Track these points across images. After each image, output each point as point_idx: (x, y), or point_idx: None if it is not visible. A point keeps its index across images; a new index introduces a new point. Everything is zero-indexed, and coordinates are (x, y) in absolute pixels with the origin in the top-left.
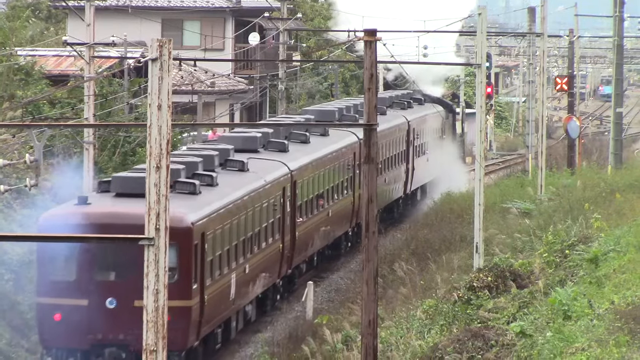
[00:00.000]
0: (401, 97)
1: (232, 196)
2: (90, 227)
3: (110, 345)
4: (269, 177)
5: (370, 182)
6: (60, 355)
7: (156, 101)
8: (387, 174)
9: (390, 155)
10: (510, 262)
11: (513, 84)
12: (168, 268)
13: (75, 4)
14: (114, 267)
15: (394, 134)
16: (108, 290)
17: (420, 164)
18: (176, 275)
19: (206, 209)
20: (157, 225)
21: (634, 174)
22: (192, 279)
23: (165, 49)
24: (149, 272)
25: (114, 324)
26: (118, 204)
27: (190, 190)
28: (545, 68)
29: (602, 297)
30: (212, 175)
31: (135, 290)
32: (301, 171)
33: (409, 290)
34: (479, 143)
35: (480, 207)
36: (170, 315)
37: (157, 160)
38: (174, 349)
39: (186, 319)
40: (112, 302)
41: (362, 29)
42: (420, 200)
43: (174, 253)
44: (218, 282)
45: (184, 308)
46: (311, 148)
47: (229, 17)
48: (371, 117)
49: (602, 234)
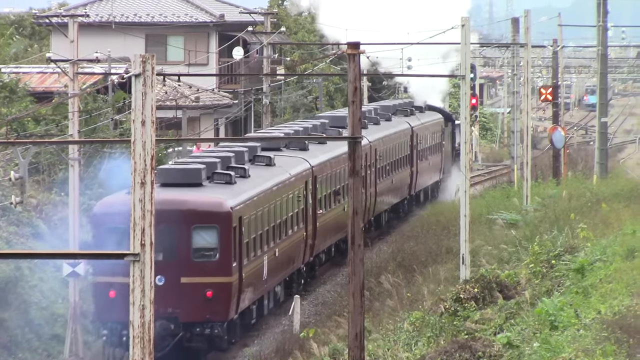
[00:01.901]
0: (404, 105)
1: (262, 186)
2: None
3: (160, 318)
4: (293, 171)
5: (355, 194)
6: (115, 328)
7: (140, 117)
8: (394, 175)
9: (396, 158)
10: (497, 273)
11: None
12: (210, 248)
13: (58, 21)
14: (162, 249)
15: (399, 138)
16: (157, 268)
17: (423, 167)
18: (217, 254)
19: (242, 196)
20: (143, 241)
21: (619, 183)
22: (232, 257)
23: (148, 65)
24: (134, 288)
25: (163, 299)
26: (165, 192)
27: (226, 180)
28: (529, 78)
29: (589, 307)
30: (244, 168)
31: (181, 269)
32: (321, 167)
33: (395, 303)
34: (464, 154)
35: (466, 218)
36: (212, 290)
37: (142, 176)
38: (217, 320)
39: (227, 293)
40: (160, 279)
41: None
42: (423, 201)
43: (215, 234)
44: (253, 262)
45: (226, 284)
46: (328, 147)
47: (213, 32)
48: (355, 130)
49: (589, 244)
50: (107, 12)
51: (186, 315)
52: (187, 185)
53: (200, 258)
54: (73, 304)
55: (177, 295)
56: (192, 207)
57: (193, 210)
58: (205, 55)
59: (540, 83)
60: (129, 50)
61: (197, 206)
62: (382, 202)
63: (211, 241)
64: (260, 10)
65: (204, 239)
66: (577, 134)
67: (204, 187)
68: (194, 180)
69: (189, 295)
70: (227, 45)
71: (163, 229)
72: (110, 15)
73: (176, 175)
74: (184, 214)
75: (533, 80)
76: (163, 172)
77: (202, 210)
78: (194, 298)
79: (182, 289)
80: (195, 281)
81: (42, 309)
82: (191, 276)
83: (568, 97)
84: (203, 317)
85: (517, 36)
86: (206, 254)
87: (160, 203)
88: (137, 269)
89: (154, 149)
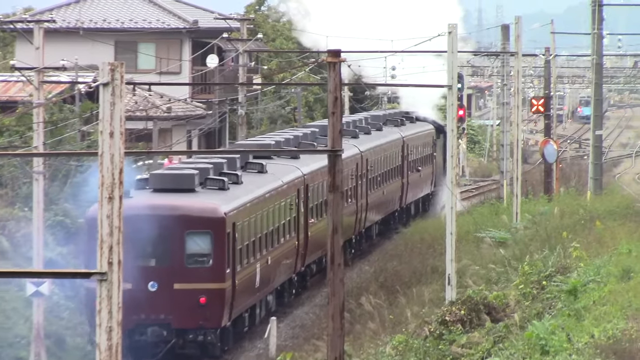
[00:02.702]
0: (395, 115)
1: (255, 193)
2: (134, 217)
3: (153, 324)
4: (285, 178)
5: (335, 211)
6: None
7: (108, 128)
8: (385, 187)
9: (387, 169)
10: (485, 294)
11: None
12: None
13: (23, 27)
14: (154, 254)
15: (390, 149)
16: (150, 274)
17: (414, 179)
18: (211, 260)
19: (235, 202)
20: (110, 259)
21: (614, 200)
22: (225, 263)
23: (117, 73)
24: (101, 309)
25: (155, 305)
26: (156, 198)
27: (219, 186)
28: (520, 89)
29: (582, 331)
30: (237, 174)
31: (174, 275)
32: (313, 176)
33: (377, 325)
34: (451, 169)
35: (452, 236)
36: (206, 297)
37: (110, 190)
38: (210, 326)
39: (221, 299)
40: (153, 285)
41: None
42: (414, 214)
43: (209, 240)
44: (246, 269)
45: (219, 290)
46: (319, 157)
47: (186, 39)
48: (336, 143)
49: (582, 264)
50: (74, 17)
51: (179, 322)
52: (179, 190)
53: (193, 264)
54: (37, 325)
55: (169, 301)
56: (185, 212)
57: (187, 215)
58: (178, 63)
59: (531, 94)
60: (97, 57)
61: (190, 211)
62: (373, 214)
63: (205, 247)
64: (236, 16)
65: (198, 245)
66: (570, 147)
67: (197, 193)
68: (187, 186)
69: (182, 302)
70: (201, 52)
71: (156, 234)
72: (77, 21)
73: (169, 180)
74: (178, 219)
75: (524, 90)
76: (155, 177)
77: (195, 215)
78: (187, 304)
79: (175, 295)
80: (189, 287)
81: (5, 330)
82: (184, 282)
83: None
84: (196, 323)
85: (507, 44)
86: (200, 259)
87: (153, 208)
88: (104, 288)
89: (123, 162)
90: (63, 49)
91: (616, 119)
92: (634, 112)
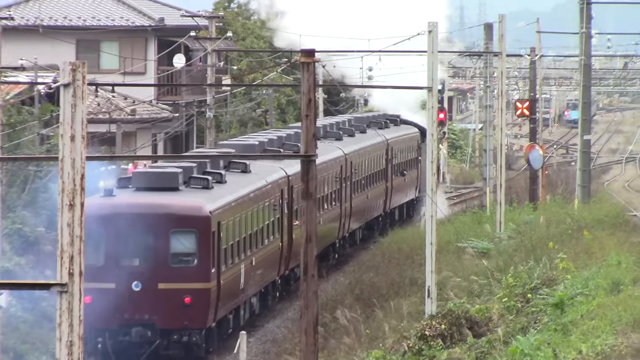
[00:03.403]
0: (378, 117)
1: (240, 192)
2: (117, 216)
3: (137, 325)
4: (269, 178)
5: (308, 219)
6: (90, 335)
7: (69, 131)
8: (369, 191)
9: (371, 172)
10: (466, 307)
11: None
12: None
13: None
14: (138, 254)
15: (374, 151)
16: (133, 274)
17: (399, 183)
18: (196, 259)
19: (220, 201)
20: (71, 270)
21: (603, 208)
22: (210, 263)
23: (79, 73)
24: (61, 322)
25: (139, 305)
26: (140, 196)
27: (203, 185)
28: (504, 91)
29: (569, 346)
30: (221, 173)
31: (158, 274)
32: (297, 176)
33: (353, 340)
34: (431, 175)
35: (432, 246)
36: (191, 297)
37: (71, 197)
38: (195, 327)
39: (206, 299)
40: (137, 285)
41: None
42: (398, 219)
43: (194, 239)
44: (231, 269)
45: (204, 290)
46: None
47: (151, 37)
48: (309, 148)
49: (569, 276)
50: (34, 14)
51: (163, 322)
52: (163, 189)
53: (178, 263)
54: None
55: (154, 301)
56: (170, 210)
57: (171, 214)
58: (143, 63)
59: (516, 96)
60: (57, 57)
61: (175, 210)
62: (357, 219)
63: (190, 246)
64: (204, 13)
65: (182, 244)
66: (556, 153)
67: (181, 192)
68: (171, 185)
69: (167, 302)
70: (167, 52)
71: (139, 233)
72: (37, 19)
73: (152, 179)
74: (162, 218)
75: (508, 93)
76: (138, 176)
77: (180, 214)
78: (171, 304)
79: (159, 295)
80: (173, 287)
81: None
82: (169, 282)
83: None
84: (181, 324)
85: (491, 44)
86: (184, 259)
87: (136, 207)
88: (65, 300)
89: (84, 168)
90: (22, 48)
91: (605, 123)
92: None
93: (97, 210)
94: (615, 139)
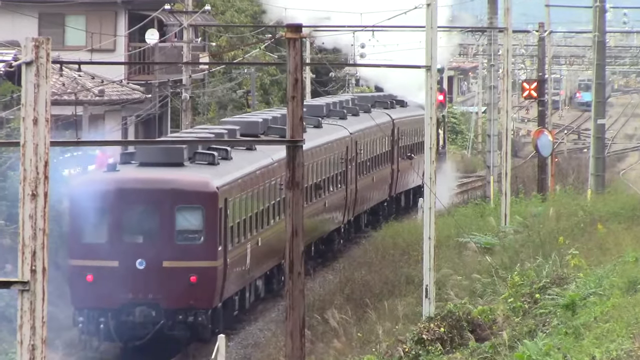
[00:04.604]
0: (384, 97)
1: (246, 169)
2: (120, 191)
3: (141, 304)
4: (275, 156)
5: (295, 211)
6: (92, 315)
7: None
8: (374, 173)
9: (376, 154)
10: (468, 308)
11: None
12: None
13: None
14: (142, 231)
15: (380, 132)
16: (137, 251)
17: (405, 167)
18: (202, 237)
19: (226, 177)
20: (34, 266)
21: (619, 200)
22: (217, 241)
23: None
24: (22, 323)
25: (143, 284)
26: (144, 172)
27: (209, 161)
28: (509, 70)
29: (581, 352)
30: (227, 149)
31: (163, 252)
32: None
33: (343, 345)
34: (429, 163)
35: (431, 241)
36: (196, 275)
37: (33, 186)
38: (201, 307)
39: (212, 278)
40: (141, 263)
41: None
42: (404, 205)
43: (200, 216)
44: (237, 248)
45: (211, 268)
46: (313, 135)
47: (121, 11)
48: (296, 132)
49: (581, 274)
50: None
51: (168, 302)
52: (167, 164)
53: (184, 241)
54: None
55: (158, 280)
56: (175, 186)
57: (177, 189)
58: (112, 39)
59: (523, 76)
60: (18, 32)
61: (181, 185)
62: (363, 201)
63: (196, 223)
64: None
65: (188, 221)
66: (567, 139)
67: (186, 167)
68: (176, 160)
69: (172, 280)
70: (139, 27)
71: (143, 209)
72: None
73: (156, 154)
74: (167, 193)
75: (514, 72)
76: (141, 150)
77: (186, 189)
78: (176, 283)
79: (164, 273)
80: (179, 265)
81: None
82: (174, 260)
83: (557, 93)
84: (186, 303)
85: (495, 19)
86: (190, 236)
87: (140, 182)
88: (27, 300)
89: (48, 154)
90: None
91: (621, 106)
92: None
93: (100, 185)
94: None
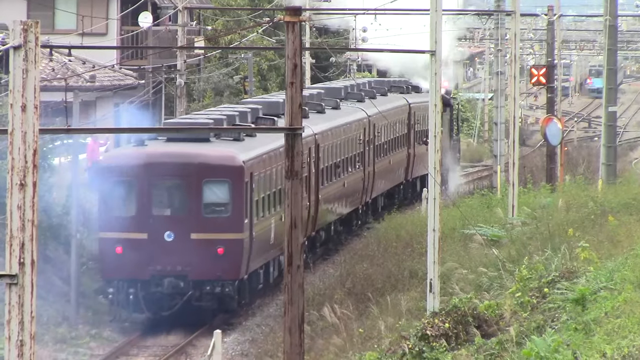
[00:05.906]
0: (400, 82)
1: (270, 146)
2: (149, 165)
3: (169, 275)
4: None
5: (294, 202)
6: (121, 286)
7: (20, 100)
8: (391, 156)
9: (393, 137)
10: (474, 303)
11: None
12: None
13: None
14: (170, 204)
15: (396, 115)
16: (166, 224)
17: (421, 152)
18: (229, 210)
19: (252, 152)
20: (22, 259)
21: (631, 190)
22: (244, 214)
23: (31, 34)
24: (10, 318)
25: (172, 256)
26: (172, 146)
27: (234, 137)
28: (517, 55)
29: (591, 348)
30: (251, 126)
31: (191, 224)
32: (323, 136)
33: (343, 341)
34: (434, 152)
35: (435, 233)
36: (224, 247)
37: (21, 176)
38: (228, 278)
39: (239, 250)
40: (170, 235)
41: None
42: (419, 191)
43: (227, 189)
44: (262, 222)
45: (237, 240)
46: (331, 116)
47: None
48: (295, 120)
49: (591, 268)
50: None
51: (196, 273)
52: (194, 139)
53: (211, 213)
54: None
55: (186, 252)
56: (202, 160)
57: (204, 163)
58: (104, 22)
59: (531, 62)
60: (6, 15)
61: (208, 159)
62: (380, 184)
63: (223, 196)
64: None
65: (215, 194)
66: (577, 127)
67: (212, 142)
68: (202, 135)
69: (199, 252)
70: (132, 10)
71: (172, 183)
72: None
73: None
74: (195, 167)
75: (522, 57)
76: (169, 126)
77: (213, 163)
78: (204, 255)
79: (192, 245)
80: (206, 237)
81: None
82: (202, 232)
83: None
84: (214, 274)
85: (503, 2)
86: (217, 209)
87: (168, 156)
88: (15, 294)
89: (37, 141)
90: None
91: (633, 92)
92: None
93: (128, 159)
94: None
